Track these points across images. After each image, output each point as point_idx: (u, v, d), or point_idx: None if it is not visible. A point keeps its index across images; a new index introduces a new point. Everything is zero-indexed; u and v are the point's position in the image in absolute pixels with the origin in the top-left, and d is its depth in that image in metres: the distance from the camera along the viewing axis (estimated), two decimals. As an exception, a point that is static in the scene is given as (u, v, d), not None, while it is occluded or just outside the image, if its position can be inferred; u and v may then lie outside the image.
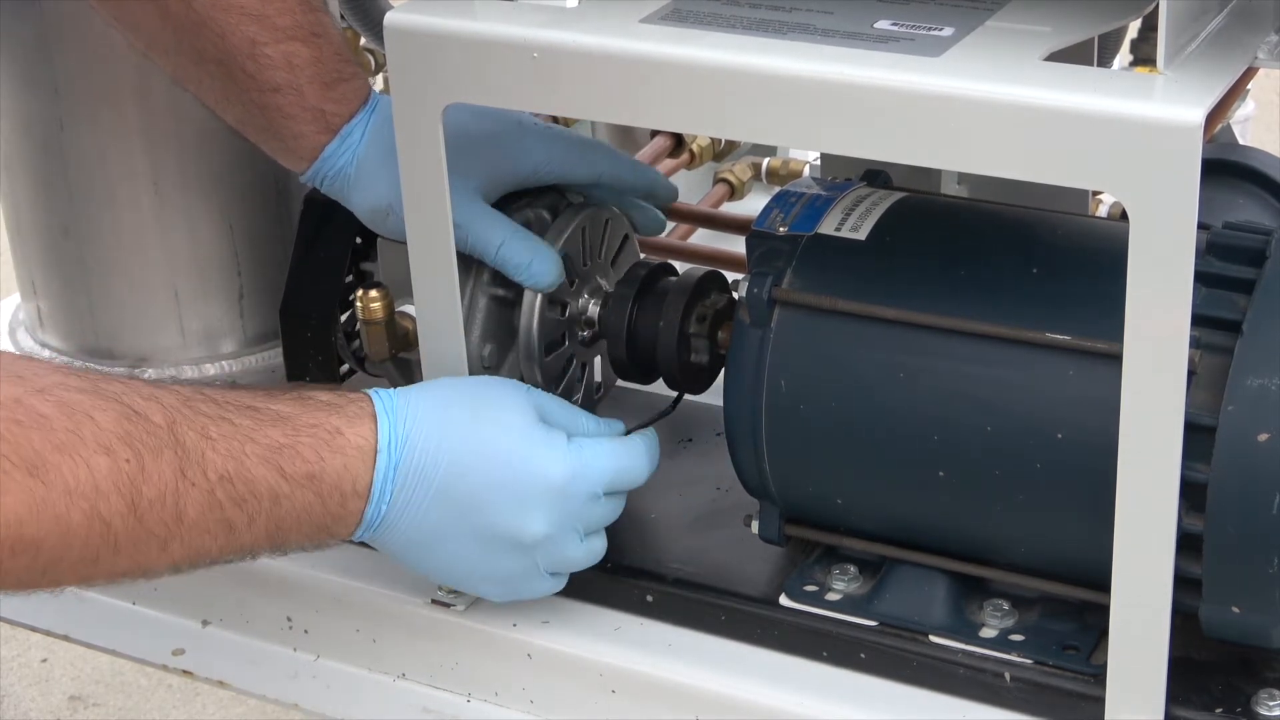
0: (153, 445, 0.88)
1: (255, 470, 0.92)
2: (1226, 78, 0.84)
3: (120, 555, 0.88)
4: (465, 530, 0.98)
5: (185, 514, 0.90)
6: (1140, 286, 0.82)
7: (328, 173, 1.10)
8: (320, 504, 0.95)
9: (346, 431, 0.96)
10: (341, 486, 0.95)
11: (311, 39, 1.09)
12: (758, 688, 1.01)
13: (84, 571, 0.88)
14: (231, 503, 0.91)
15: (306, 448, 0.94)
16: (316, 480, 0.94)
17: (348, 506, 0.96)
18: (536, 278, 1.07)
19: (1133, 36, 0.97)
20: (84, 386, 0.88)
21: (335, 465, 0.95)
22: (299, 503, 0.94)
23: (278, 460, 0.93)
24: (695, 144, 1.51)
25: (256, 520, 0.93)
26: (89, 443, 0.86)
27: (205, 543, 0.92)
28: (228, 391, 0.95)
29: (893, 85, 0.85)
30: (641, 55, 0.90)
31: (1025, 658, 0.97)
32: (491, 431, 0.98)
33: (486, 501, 0.97)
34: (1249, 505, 0.87)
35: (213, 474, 0.91)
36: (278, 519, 0.94)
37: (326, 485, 0.95)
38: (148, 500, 0.88)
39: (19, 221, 1.31)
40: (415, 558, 1.00)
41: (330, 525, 0.96)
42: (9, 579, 0.86)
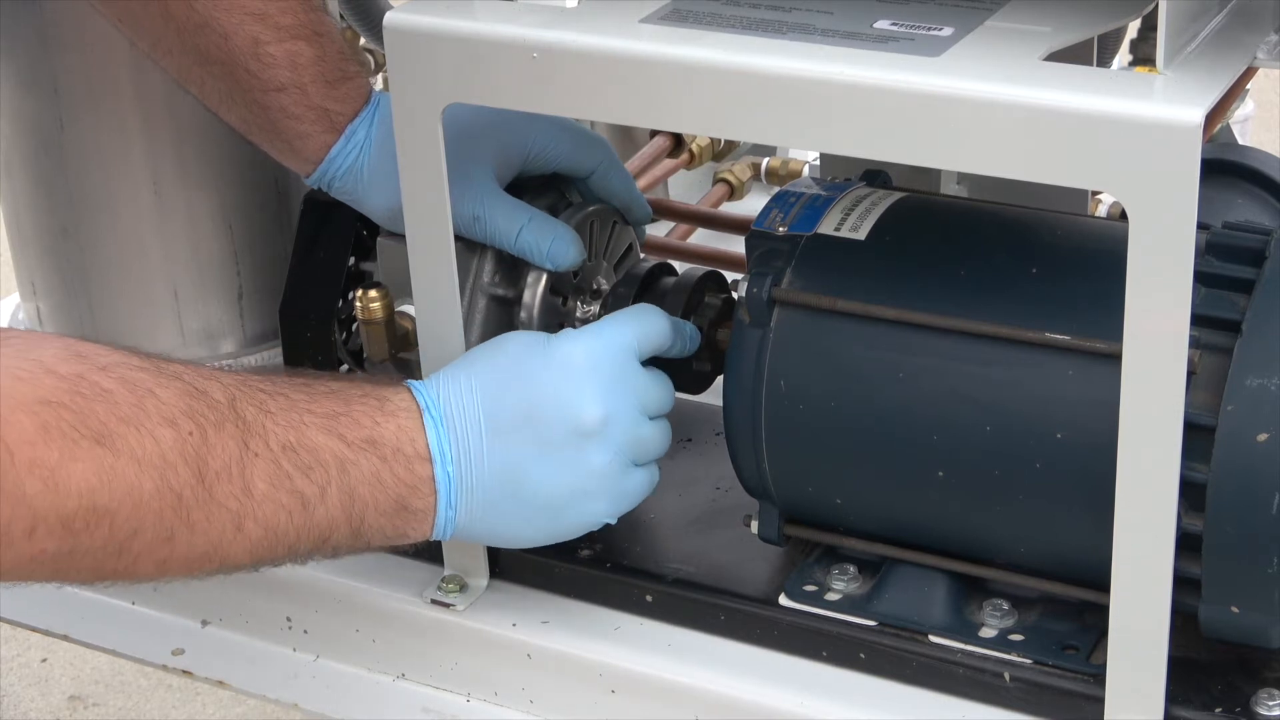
0: (214, 419, 0.89)
1: (317, 438, 0.93)
2: (1226, 78, 0.84)
3: (195, 533, 0.88)
4: (531, 450, 0.97)
5: (254, 486, 0.90)
6: (1140, 286, 0.82)
7: (335, 173, 1.11)
8: (388, 469, 0.95)
9: (392, 399, 0.97)
10: (403, 449, 0.95)
11: (314, 38, 1.09)
12: (758, 688, 1.01)
13: (161, 552, 0.88)
14: (299, 472, 0.92)
15: (361, 413, 0.95)
16: (378, 444, 0.95)
17: (415, 470, 0.96)
18: (557, 258, 1.07)
19: (1132, 36, 0.97)
20: (145, 366, 0.88)
21: (391, 428, 0.95)
22: (366, 469, 0.94)
23: (337, 428, 0.94)
24: (695, 144, 1.51)
25: (328, 491, 0.93)
26: (153, 416, 0.86)
27: (280, 519, 0.91)
28: (277, 374, 0.96)
29: (893, 85, 0.85)
30: (641, 55, 0.90)
31: (1025, 658, 0.97)
32: (506, 351, 0.99)
33: (533, 411, 0.97)
34: (1248, 505, 0.87)
35: (275, 444, 0.91)
36: (349, 488, 0.94)
37: (388, 448, 0.95)
38: (214, 471, 0.88)
39: (19, 221, 1.31)
40: (508, 514, 0.98)
41: (406, 496, 0.96)
42: (85, 559, 0.86)
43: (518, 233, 1.07)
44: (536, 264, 1.08)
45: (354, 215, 1.15)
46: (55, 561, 0.85)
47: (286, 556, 0.94)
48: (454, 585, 1.09)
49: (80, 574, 0.87)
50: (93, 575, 0.88)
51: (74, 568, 0.86)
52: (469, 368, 0.98)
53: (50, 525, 0.83)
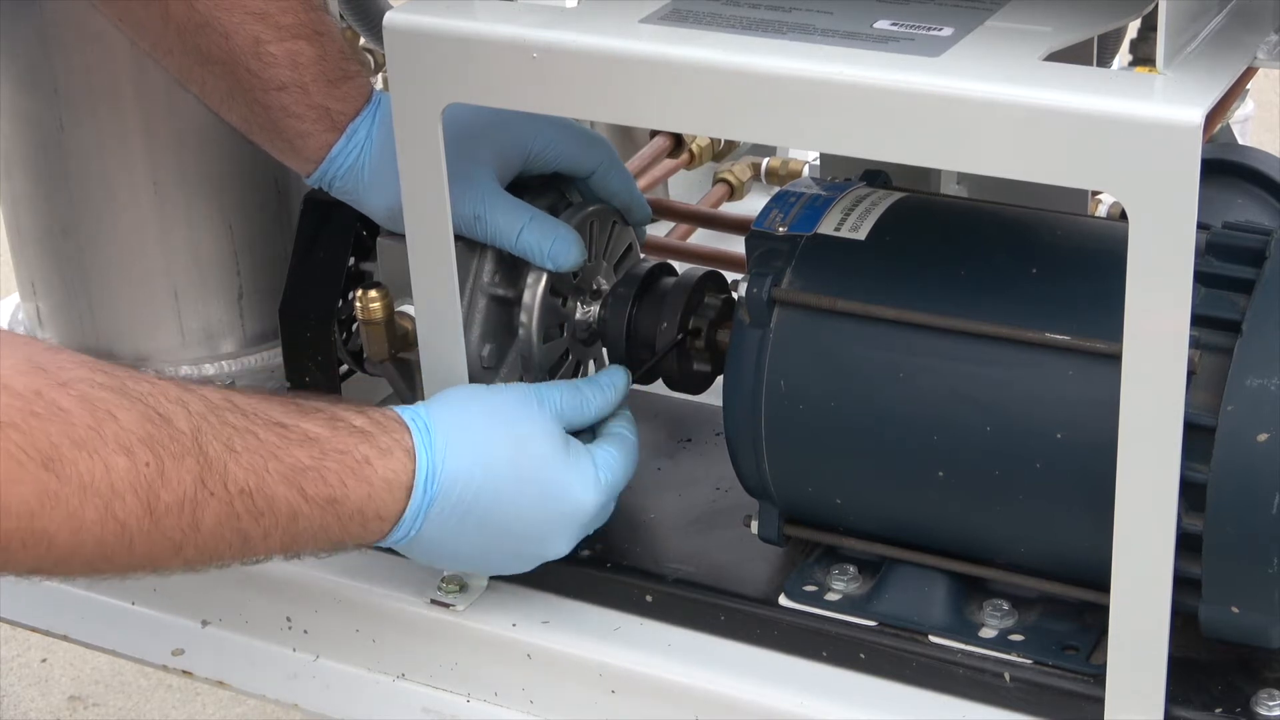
0: (175, 451, 0.88)
1: (276, 488, 0.92)
2: (1226, 78, 0.84)
3: (134, 554, 0.88)
4: (493, 549, 1.01)
5: (202, 522, 0.90)
6: (1140, 286, 0.82)
7: (336, 173, 1.10)
8: (339, 525, 0.95)
9: (376, 463, 0.96)
10: (364, 512, 0.96)
11: (315, 37, 1.09)
12: (758, 688, 1.01)
13: (97, 566, 0.88)
14: (249, 515, 0.91)
15: (331, 473, 0.94)
16: (337, 504, 0.95)
17: (369, 528, 0.97)
18: (558, 258, 1.07)
19: (1132, 36, 0.97)
20: (109, 384, 0.87)
21: (359, 493, 0.95)
22: (316, 522, 0.94)
23: (300, 481, 0.93)
24: (695, 144, 1.51)
25: (272, 534, 0.93)
26: (109, 441, 0.85)
27: (219, 549, 0.92)
28: (260, 402, 0.95)
29: (893, 85, 0.85)
30: (641, 55, 0.90)
31: (1025, 658, 0.97)
32: (530, 467, 1.00)
33: (521, 531, 1.01)
34: (1248, 505, 0.87)
35: (233, 487, 0.90)
36: (294, 534, 0.94)
37: (347, 510, 0.95)
38: (164, 505, 0.88)
39: (19, 221, 1.31)
40: (432, 561, 1.03)
41: (348, 543, 0.97)
42: (19, 569, 0.86)
43: (518, 232, 1.07)
44: (537, 264, 1.08)
45: (354, 215, 1.15)
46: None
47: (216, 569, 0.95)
48: (454, 585, 1.09)
49: (11, 574, 0.88)
50: (25, 575, 0.89)
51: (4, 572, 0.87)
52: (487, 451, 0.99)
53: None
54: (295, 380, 1.19)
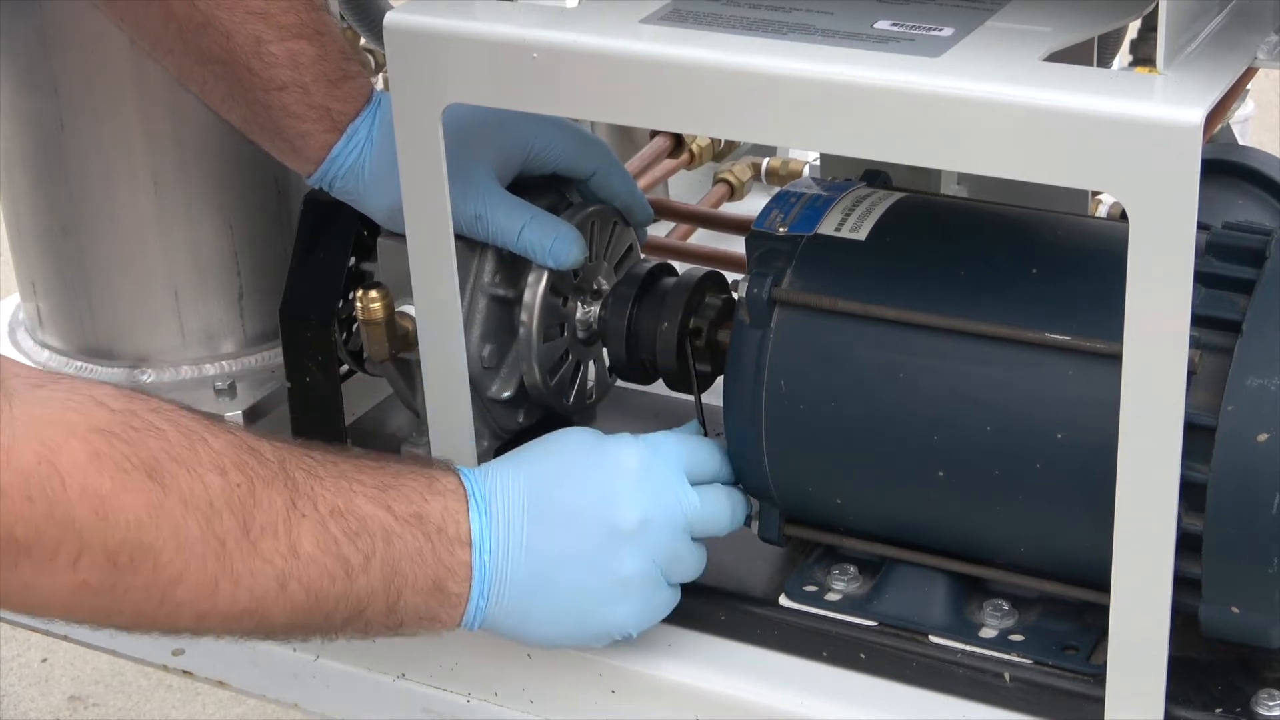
0: (264, 475, 0.88)
1: (365, 507, 0.92)
2: (1226, 78, 0.84)
3: (239, 587, 0.87)
4: (569, 547, 0.96)
5: (300, 546, 0.89)
6: (1140, 286, 0.82)
7: (337, 173, 1.10)
8: (430, 548, 0.94)
9: (440, 479, 0.96)
10: (446, 529, 0.95)
11: (316, 37, 1.09)
12: (758, 688, 1.01)
13: (203, 604, 0.87)
14: (346, 538, 0.91)
15: (410, 489, 0.94)
16: (424, 521, 0.94)
17: (455, 554, 0.95)
18: (559, 256, 1.07)
19: (1133, 37, 0.97)
20: (197, 417, 0.88)
21: (438, 507, 0.95)
22: (411, 544, 0.93)
23: (385, 499, 0.93)
24: (695, 144, 1.51)
25: (372, 561, 0.92)
26: (204, 460, 0.86)
27: (323, 584, 0.90)
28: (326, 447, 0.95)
29: (893, 85, 0.85)
30: (641, 55, 0.90)
31: (1025, 658, 0.97)
32: (557, 448, 0.99)
33: (575, 506, 0.97)
34: (1248, 505, 0.87)
35: (324, 508, 0.90)
36: (392, 560, 0.93)
37: (432, 526, 0.94)
38: (260, 526, 0.87)
39: (19, 221, 1.31)
40: (537, 610, 0.97)
41: (443, 579, 0.95)
42: (127, 599, 0.85)
43: (520, 231, 1.07)
44: (539, 262, 1.08)
45: (354, 215, 1.15)
46: (97, 597, 0.84)
47: (322, 624, 0.93)
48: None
49: (122, 615, 0.86)
50: (134, 619, 0.87)
51: (116, 608, 0.85)
52: (519, 460, 0.99)
53: (95, 556, 0.82)
54: (295, 380, 1.19)
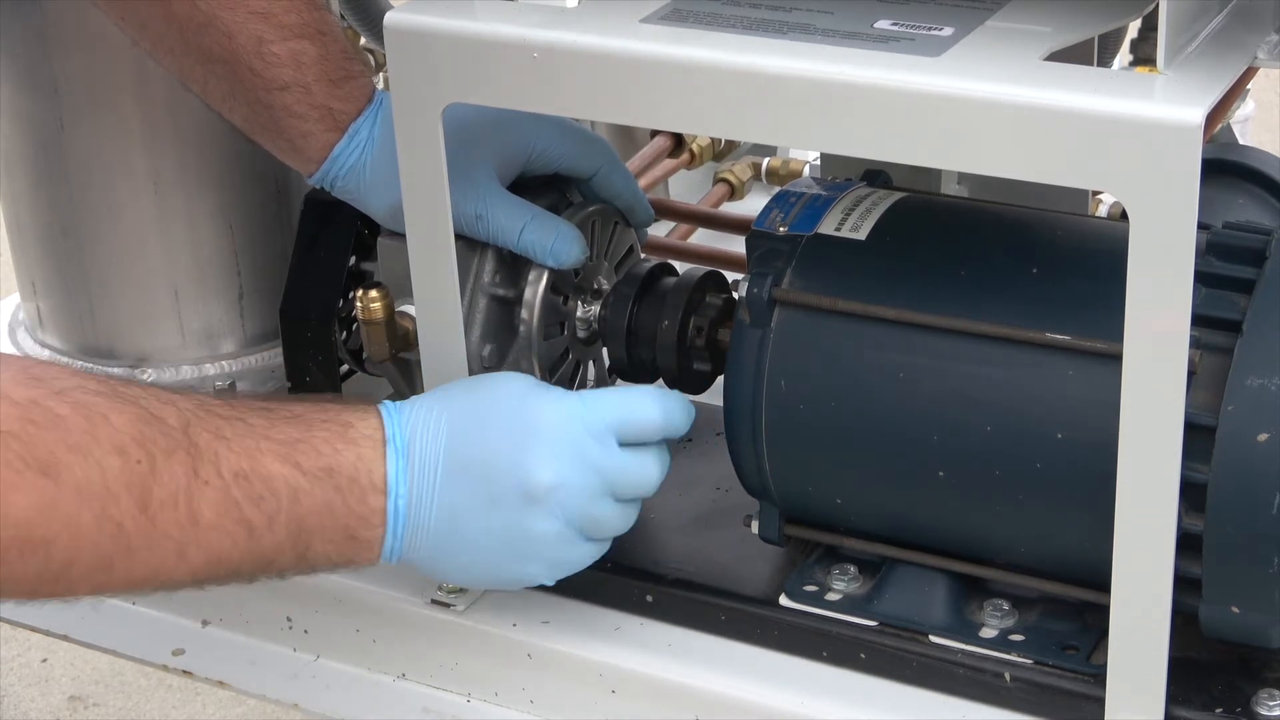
0: (165, 446, 0.88)
1: (271, 466, 0.92)
2: (1226, 78, 0.84)
3: (135, 560, 0.88)
4: (481, 501, 0.96)
5: (200, 514, 0.89)
6: (1140, 286, 0.82)
7: (338, 173, 1.10)
8: (340, 500, 0.94)
9: (357, 424, 0.95)
10: (359, 479, 0.94)
11: (318, 36, 1.09)
12: (758, 688, 1.01)
13: (98, 579, 0.87)
14: (249, 501, 0.91)
15: (321, 441, 0.94)
16: (334, 473, 0.93)
17: (368, 503, 0.95)
18: (560, 255, 1.07)
19: (1133, 36, 0.97)
20: (102, 390, 0.87)
21: (350, 457, 0.94)
22: (319, 499, 0.93)
23: (294, 455, 0.92)
24: (695, 144, 1.51)
25: (276, 520, 0.92)
26: (103, 443, 0.85)
27: (224, 546, 0.91)
28: (242, 398, 0.95)
29: (893, 85, 0.85)
30: (641, 55, 0.90)
31: (1025, 658, 0.97)
32: (486, 394, 0.97)
33: (488, 463, 0.95)
34: (1249, 505, 0.87)
35: (227, 472, 0.90)
36: (299, 517, 0.93)
37: (344, 477, 0.94)
38: (159, 501, 0.87)
39: (19, 221, 1.31)
40: (449, 556, 0.97)
41: (355, 527, 0.95)
42: (22, 584, 0.85)
43: (521, 230, 1.07)
44: (540, 262, 1.08)
45: (355, 215, 1.15)
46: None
47: (229, 578, 0.94)
48: (454, 585, 1.09)
49: (13, 595, 0.87)
50: (28, 596, 0.88)
51: (6, 589, 0.86)
52: (445, 399, 0.97)
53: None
54: (295, 380, 1.19)
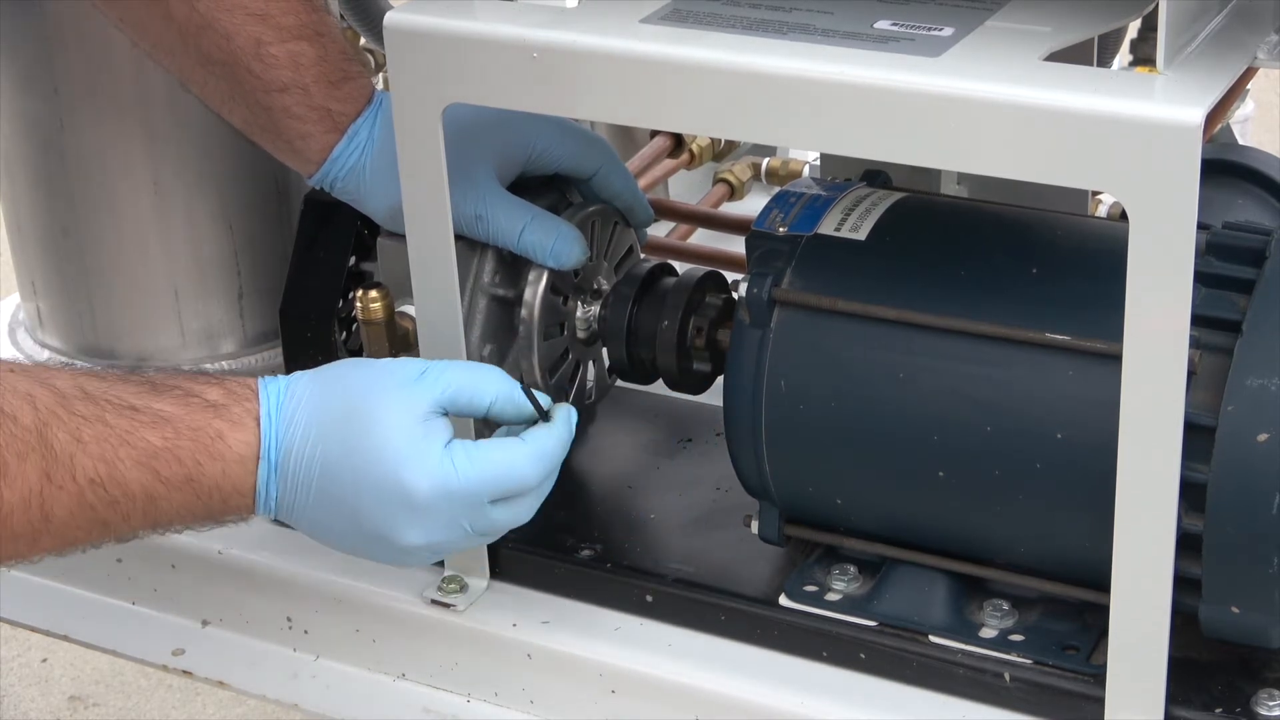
0: (18, 449, 0.87)
1: (129, 474, 0.91)
2: (1226, 78, 0.84)
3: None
4: (353, 530, 0.95)
5: (53, 514, 0.89)
6: (1140, 286, 0.82)
7: (338, 174, 1.10)
8: (201, 504, 0.94)
9: (229, 436, 0.93)
10: (222, 488, 0.94)
11: (316, 38, 1.09)
12: (758, 688, 1.01)
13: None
14: (104, 505, 0.90)
15: (185, 452, 0.92)
16: (194, 483, 0.93)
17: (230, 503, 0.94)
18: (560, 256, 1.07)
19: (1133, 36, 0.97)
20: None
21: (214, 471, 0.93)
22: (178, 502, 0.93)
23: (154, 464, 0.91)
24: (695, 144, 1.51)
25: (132, 517, 0.92)
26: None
27: (78, 536, 0.91)
28: (112, 385, 0.92)
29: (893, 85, 0.85)
30: (641, 55, 0.90)
31: (1025, 658, 0.97)
32: (361, 437, 0.94)
33: (361, 508, 0.94)
34: (1249, 505, 0.87)
35: (82, 478, 0.89)
36: (155, 516, 0.93)
37: (205, 487, 0.93)
38: (9, 505, 0.87)
39: (19, 221, 1.31)
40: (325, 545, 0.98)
41: (218, 518, 0.95)
42: None
43: (521, 231, 1.07)
44: (540, 262, 1.08)
45: (354, 215, 1.15)
46: None
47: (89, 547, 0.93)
48: (454, 585, 1.09)
49: None
50: None
51: None
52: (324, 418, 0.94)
53: None
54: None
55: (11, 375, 0.89)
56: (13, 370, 0.90)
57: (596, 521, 1.11)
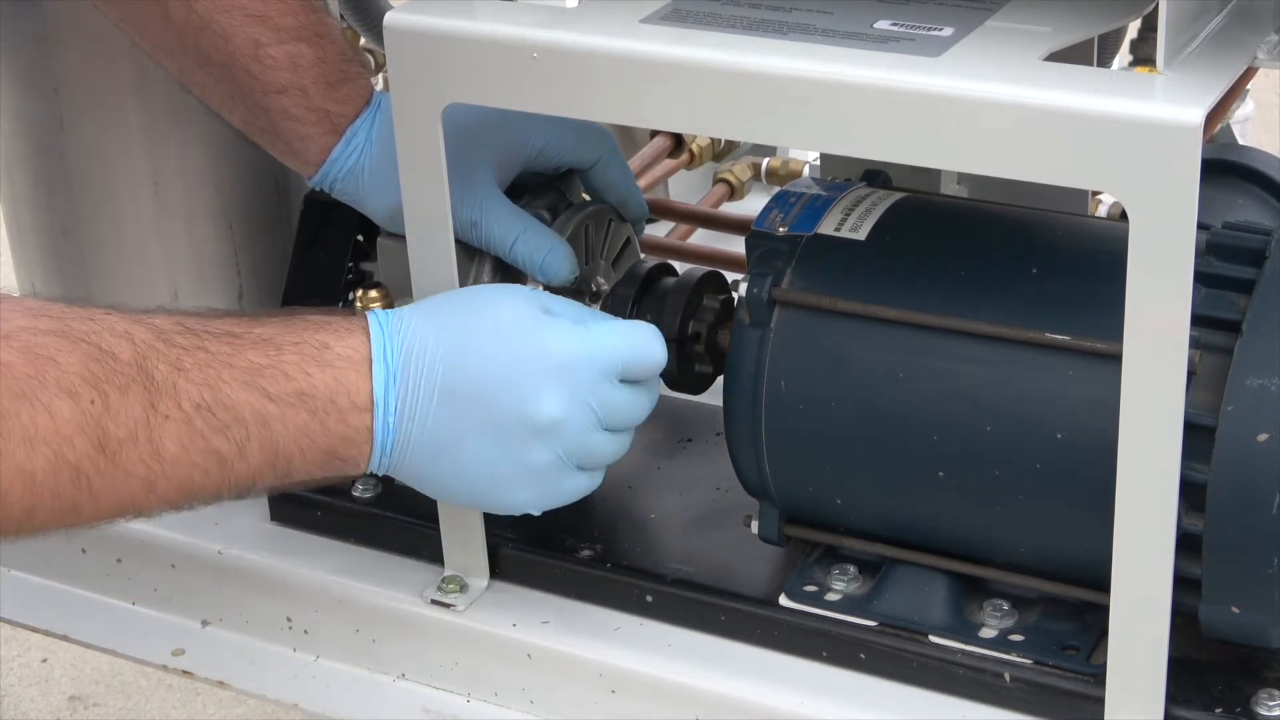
0: (119, 383, 0.85)
1: (236, 395, 0.89)
2: (1226, 78, 0.84)
3: (101, 501, 0.86)
4: (477, 425, 0.94)
5: (164, 449, 0.87)
6: (1140, 286, 0.82)
7: (337, 175, 1.10)
8: (318, 422, 0.92)
9: (335, 345, 0.92)
10: (337, 400, 0.92)
11: (315, 39, 1.09)
12: (758, 688, 1.01)
13: (67, 519, 0.86)
14: (214, 431, 0.88)
15: (291, 365, 0.91)
16: (307, 397, 0.91)
17: (349, 422, 0.92)
18: (549, 273, 1.07)
19: (1133, 36, 0.97)
20: (51, 329, 0.85)
21: (325, 379, 0.91)
22: (292, 423, 0.91)
23: (260, 382, 0.90)
24: (695, 144, 1.51)
25: (248, 447, 0.90)
26: (50, 387, 0.83)
27: (195, 477, 0.89)
28: (211, 319, 0.91)
29: (893, 85, 0.85)
30: (641, 55, 0.90)
31: (1025, 658, 0.97)
32: (488, 319, 0.94)
33: (490, 389, 0.93)
34: (1249, 505, 0.87)
35: (188, 404, 0.87)
36: (272, 444, 0.91)
37: (319, 401, 0.91)
38: (117, 440, 0.85)
39: (19, 221, 1.31)
40: (439, 475, 0.95)
41: (337, 447, 0.93)
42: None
43: (513, 242, 1.07)
44: (530, 274, 1.08)
45: (354, 215, 1.15)
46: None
47: (210, 501, 0.92)
48: (454, 585, 1.09)
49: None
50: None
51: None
52: (443, 316, 0.94)
53: None
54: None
55: (108, 316, 0.88)
56: (108, 312, 0.88)
57: (596, 521, 1.11)
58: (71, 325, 0.86)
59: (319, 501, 1.14)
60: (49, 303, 0.87)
